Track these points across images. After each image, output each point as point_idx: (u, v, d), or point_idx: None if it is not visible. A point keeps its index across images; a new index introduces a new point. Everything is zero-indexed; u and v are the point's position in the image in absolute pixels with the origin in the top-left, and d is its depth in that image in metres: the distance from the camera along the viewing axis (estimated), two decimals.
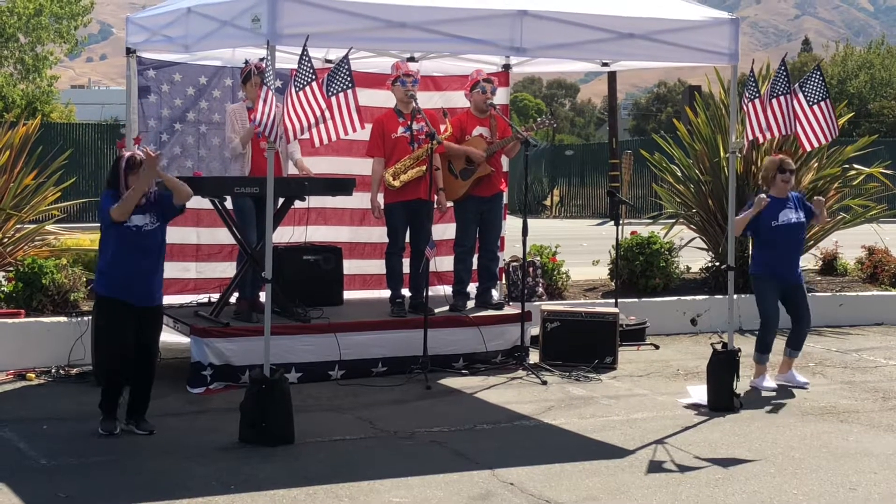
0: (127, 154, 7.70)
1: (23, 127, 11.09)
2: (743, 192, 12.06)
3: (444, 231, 11.03)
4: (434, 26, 8.13)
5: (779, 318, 9.41)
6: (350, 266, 11.08)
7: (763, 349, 9.44)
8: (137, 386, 7.81)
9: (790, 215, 9.34)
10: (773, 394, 9.26)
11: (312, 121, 7.53)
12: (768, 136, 8.79)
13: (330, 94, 7.57)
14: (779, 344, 9.55)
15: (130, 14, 10.21)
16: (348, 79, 7.62)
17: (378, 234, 11.22)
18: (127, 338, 7.66)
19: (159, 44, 9.54)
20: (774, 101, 8.60)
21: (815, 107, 8.69)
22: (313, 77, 7.48)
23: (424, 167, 9.94)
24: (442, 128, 10.19)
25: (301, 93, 7.49)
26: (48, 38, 36.96)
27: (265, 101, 7.42)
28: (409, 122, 10.11)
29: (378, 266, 11.17)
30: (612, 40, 8.61)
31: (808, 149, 9.17)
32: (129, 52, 10.11)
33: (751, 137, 8.88)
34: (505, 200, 10.88)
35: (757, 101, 8.67)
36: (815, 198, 9.57)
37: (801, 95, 8.71)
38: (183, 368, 9.31)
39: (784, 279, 9.36)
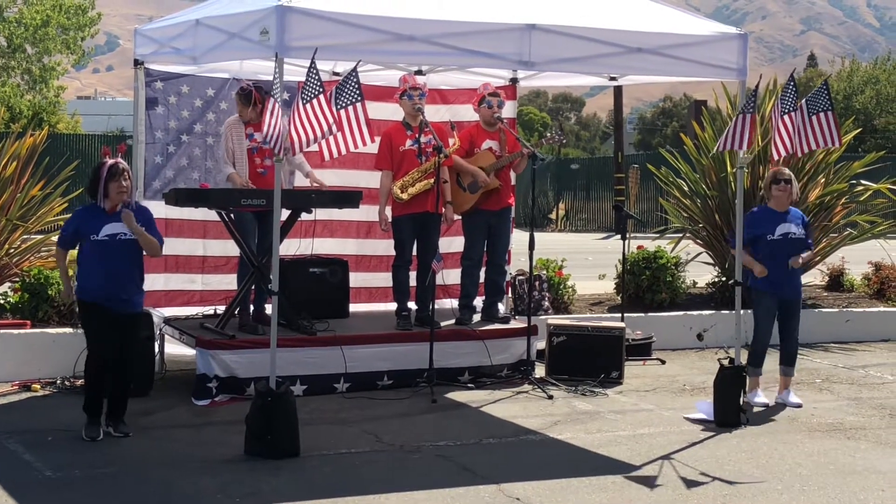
0: (110, 161, 7.72)
1: (30, 138, 11.08)
2: (750, 208, 12.03)
3: (450, 244, 11.03)
4: (442, 40, 8.13)
5: (771, 331, 9.36)
6: (356, 279, 11.07)
7: (755, 362, 9.37)
8: (114, 390, 7.89)
9: (790, 228, 9.27)
10: (764, 409, 9.19)
11: (319, 134, 7.52)
12: (774, 154, 8.78)
13: (338, 107, 7.56)
14: (773, 364, 9.52)
15: (138, 26, 10.24)
16: (357, 92, 7.61)
17: (384, 246, 11.21)
18: (105, 341, 7.76)
19: (167, 55, 9.55)
20: (784, 118, 8.60)
21: (814, 116, 8.67)
22: (320, 90, 7.48)
23: (432, 180, 9.94)
24: (451, 141, 10.18)
25: (308, 105, 7.49)
26: (55, 48, 37.08)
27: (272, 113, 7.42)
28: (416, 136, 10.11)
29: (384, 279, 11.16)
30: (620, 54, 8.61)
31: (800, 154, 9.11)
32: (137, 63, 10.14)
33: (722, 149, 8.85)
34: (512, 214, 10.87)
35: (748, 116, 8.61)
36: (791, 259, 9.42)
37: (805, 108, 8.70)
38: (188, 380, 9.30)
39: (782, 292, 9.30)
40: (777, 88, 13.32)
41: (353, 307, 10.85)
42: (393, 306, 10.48)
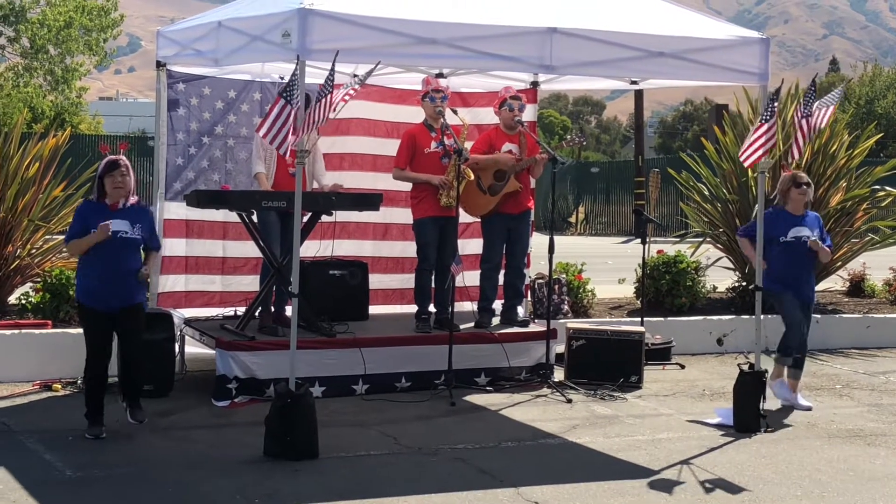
0: (108, 157, 7.75)
1: (52, 139, 11.13)
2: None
3: (464, 246, 10.99)
4: (463, 43, 8.13)
5: (802, 325, 9.31)
6: (372, 280, 11.03)
7: (785, 351, 9.35)
8: (124, 378, 7.92)
9: (804, 232, 9.24)
10: (786, 407, 9.18)
11: (311, 123, 7.52)
12: (795, 155, 8.78)
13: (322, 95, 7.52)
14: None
15: (160, 27, 10.27)
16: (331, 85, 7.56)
17: (400, 248, 11.25)
18: (104, 345, 7.79)
19: (189, 57, 9.59)
20: (803, 122, 8.59)
21: (808, 119, 8.68)
22: (330, 90, 7.47)
23: (462, 179, 9.92)
24: (462, 122, 10.23)
25: (318, 104, 7.48)
26: (77, 49, 37.21)
27: (277, 114, 7.38)
28: (440, 138, 10.12)
29: (399, 280, 11.19)
30: (641, 58, 8.59)
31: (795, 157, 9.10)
32: (159, 65, 10.17)
33: (744, 159, 8.78)
34: (531, 217, 10.86)
35: (766, 125, 8.58)
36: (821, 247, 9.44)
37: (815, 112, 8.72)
38: (208, 381, 9.33)
39: (799, 294, 9.27)
40: (798, 93, 13.29)
41: (370, 309, 10.83)
42: (409, 308, 10.48)
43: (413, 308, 10.44)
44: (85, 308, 7.83)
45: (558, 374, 10.23)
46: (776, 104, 8.68)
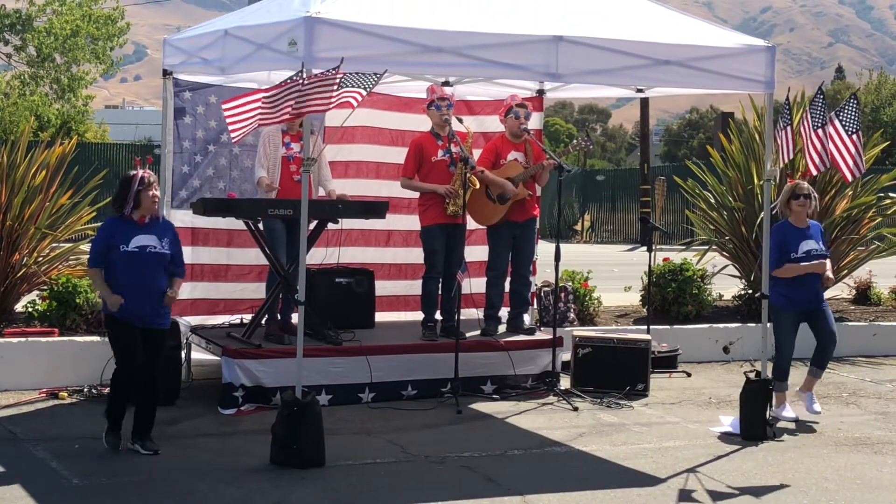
0: (141, 172, 7.72)
1: (59, 147, 11.14)
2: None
3: (468, 253, 10.95)
4: (470, 51, 8.14)
5: (793, 348, 9.26)
6: (377, 287, 11.01)
7: (780, 377, 9.28)
8: (141, 406, 7.80)
9: (812, 245, 9.19)
10: (793, 424, 9.12)
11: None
12: (813, 169, 8.75)
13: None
14: (800, 377, 9.48)
15: (166, 36, 10.29)
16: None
17: (403, 255, 11.24)
18: (133, 358, 7.68)
19: (196, 66, 9.60)
20: (814, 134, 8.55)
21: (854, 136, 8.62)
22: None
23: (468, 187, 9.91)
24: (468, 129, 10.23)
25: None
26: (84, 58, 37.22)
27: (246, 105, 7.44)
28: (447, 146, 10.13)
29: (403, 287, 11.17)
30: (647, 66, 8.60)
31: (850, 179, 9.09)
32: (165, 73, 10.18)
33: (784, 161, 8.85)
34: (536, 225, 10.85)
35: (789, 129, 8.65)
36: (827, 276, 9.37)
37: (837, 123, 8.64)
38: (215, 389, 9.33)
39: (804, 306, 9.23)
40: (805, 101, 13.27)
41: (375, 316, 10.81)
42: (413, 315, 10.47)
43: (417, 315, 10.44)
44: (113, 318, 7.73)
45: (564, 382, 10.23)
46: (789, 113, 8.71)
